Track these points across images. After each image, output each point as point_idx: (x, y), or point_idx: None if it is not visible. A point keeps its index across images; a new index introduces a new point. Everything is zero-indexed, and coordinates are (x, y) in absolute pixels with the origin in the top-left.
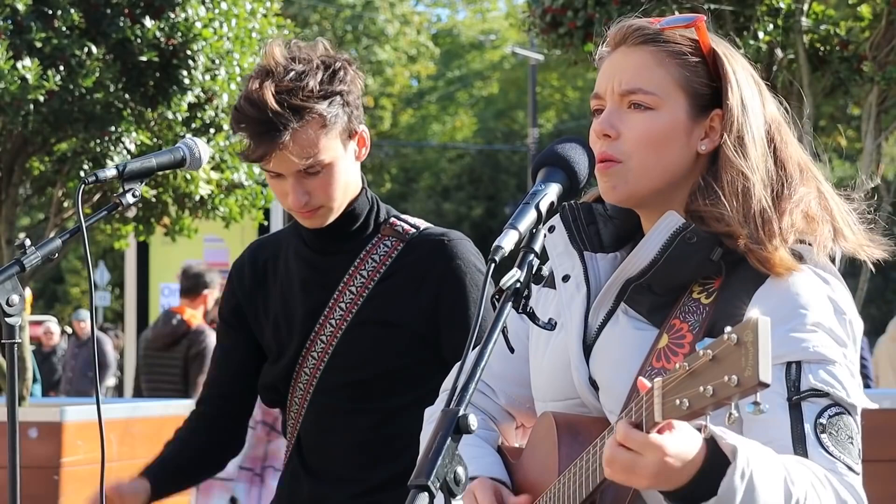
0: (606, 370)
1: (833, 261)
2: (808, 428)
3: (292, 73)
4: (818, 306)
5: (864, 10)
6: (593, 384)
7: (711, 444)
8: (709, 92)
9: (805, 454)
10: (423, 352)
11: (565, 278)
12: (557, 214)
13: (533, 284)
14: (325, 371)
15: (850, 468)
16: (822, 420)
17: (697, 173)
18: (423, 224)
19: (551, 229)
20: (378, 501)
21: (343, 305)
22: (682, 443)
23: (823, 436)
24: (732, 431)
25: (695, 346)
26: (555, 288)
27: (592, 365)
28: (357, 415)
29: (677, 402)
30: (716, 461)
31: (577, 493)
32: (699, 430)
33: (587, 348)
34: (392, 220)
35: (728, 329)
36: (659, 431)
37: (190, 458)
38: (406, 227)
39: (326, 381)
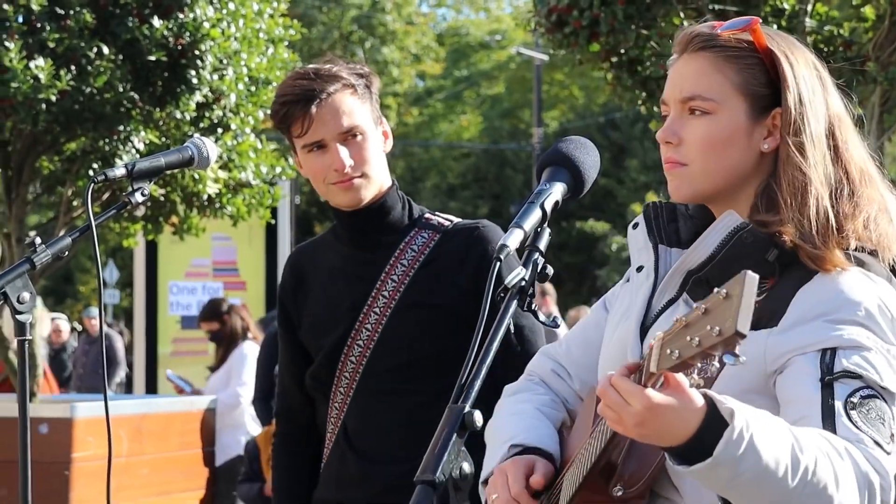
0: (630, 353)
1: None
2: (837, 405)
3: (319, 64)
4: (861, 302)
5: (868, 11)
6: None
7: (711, 407)
8: (768, 92)
9: (833, 428)
10: (466, 333)
11: (639, 269)
12: (642, 212)
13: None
14: (371, 356)
15: (877, 443)
16: (853, 399)
17: (764, 171)
18: (455, 218)
19: (634, 226)
20: None
21: (386, 293)
22: (671, 399)
23: (853, 412)
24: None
25: None
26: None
27: (645, 345)
28: (403, 397)
29: (668, 351)
30: (713, 424)
31: (595, 449)
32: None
33: (645, 330)
34: (427, 215)
35: (723, 286)
36: (659, 387)
37: (305, 480)
38: (441, 220)
39: (373, 366)
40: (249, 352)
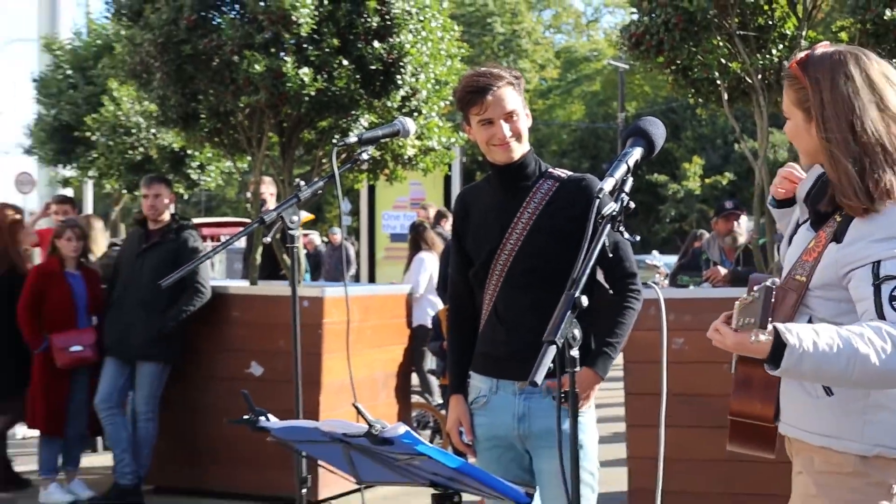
0: (787, 256)
1: None
2: (884, 298)
3: (489, 68)
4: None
5: (843, 35)
6: None
7: (777, 335)
8: None
9: (883, 316)
10: (575, 250)
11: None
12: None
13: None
14: (512, 262)
15: None
16: (895, 293)
17: None
18: (568, 172)
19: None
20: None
21: (523, 221)
22: (744, 336)
23: (894, 302)
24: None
25: (825, 248)
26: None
27: (784, 253)
28: (534, 289)
29: (739, 320)
30: (779, 345)
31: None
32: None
33: (790, 241)
34: (550, 170)
35: (755, 288)
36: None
37: (469, 341)
38: (559, 173)
39: (514, 268)
40: (425, 257)
